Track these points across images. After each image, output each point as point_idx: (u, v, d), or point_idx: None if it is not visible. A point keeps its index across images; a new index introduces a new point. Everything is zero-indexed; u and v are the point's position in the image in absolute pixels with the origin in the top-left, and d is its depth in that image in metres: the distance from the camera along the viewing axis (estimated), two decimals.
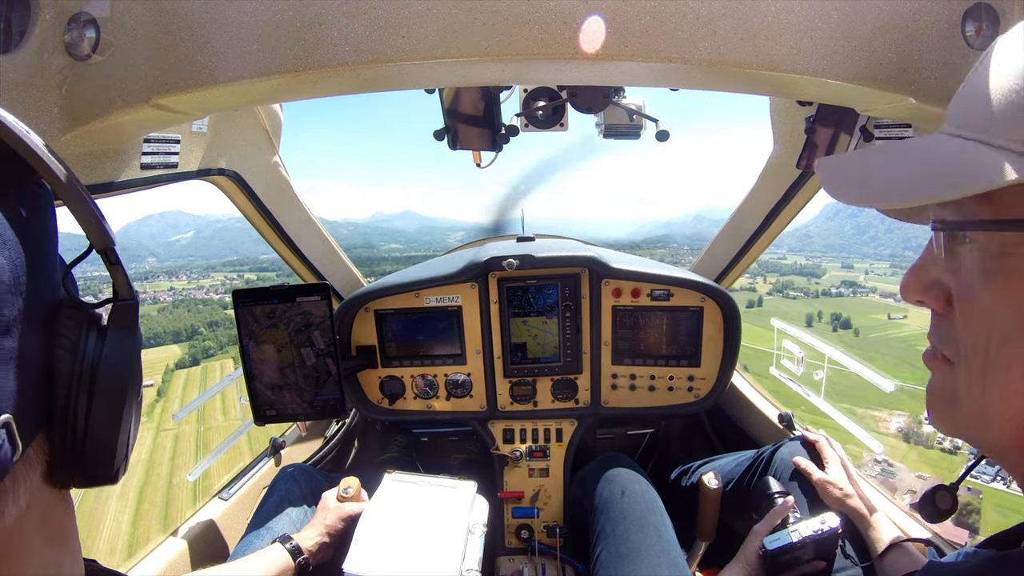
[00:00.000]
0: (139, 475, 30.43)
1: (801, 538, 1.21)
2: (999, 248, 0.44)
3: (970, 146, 0.45)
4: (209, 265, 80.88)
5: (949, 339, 0.50)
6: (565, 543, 1.85)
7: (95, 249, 0.47)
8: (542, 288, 1.90)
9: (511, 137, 1.54)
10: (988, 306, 0.45)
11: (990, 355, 0.45)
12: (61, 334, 0.42)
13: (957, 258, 0.48)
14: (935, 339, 0.52)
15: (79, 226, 0.46)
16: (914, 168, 0.48)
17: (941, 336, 0.51)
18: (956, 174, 0.44)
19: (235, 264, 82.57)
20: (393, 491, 1.45)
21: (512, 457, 1.98)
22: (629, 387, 1.99)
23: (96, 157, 1.09)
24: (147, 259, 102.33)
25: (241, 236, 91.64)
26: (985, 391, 0.46)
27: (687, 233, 64.43)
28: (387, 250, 60.25)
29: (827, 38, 0.87)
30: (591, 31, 0.83)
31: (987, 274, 0.45)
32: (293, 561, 1.28)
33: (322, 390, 1.56)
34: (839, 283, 64.85)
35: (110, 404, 0.43)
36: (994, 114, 0.44)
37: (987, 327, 0.45)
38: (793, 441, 1.59)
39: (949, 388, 0.50)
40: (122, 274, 0.46)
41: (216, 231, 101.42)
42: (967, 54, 0.88)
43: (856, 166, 0.53)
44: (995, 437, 0.47)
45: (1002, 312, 0.44)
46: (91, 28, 0.90)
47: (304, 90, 1.00)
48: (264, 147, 1.73)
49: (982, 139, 0.44)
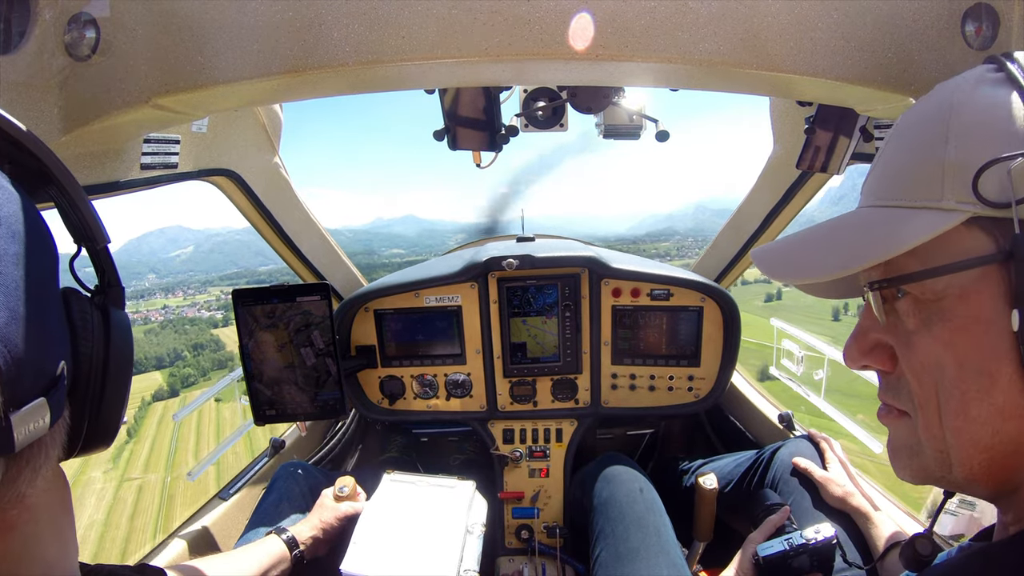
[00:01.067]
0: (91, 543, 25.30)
1: (795, 546, 1.21)
2: (932, 295, 0.47)
3: (888, 212, 0.50)
4: (207, 280, 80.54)
5: (901, 393, 0.53)
6: (565, 543, 1.85)
7: (90, 248, 0.53)
8: (542, 288, 1.90)
9: (511, 137, 1.54)
10: (932, 352, 0.48)
11: (942, 397, 0.48)
12: (79, 316, 0.47)
13: (895, 315, 0.51)
14: (887, 397, 0.55)
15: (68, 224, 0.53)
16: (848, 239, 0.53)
17: (892, 392, 0.54)
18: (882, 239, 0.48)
19: (232, 277, 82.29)
20: (391, 491, 1.44)
21: (512, 457, 1.98)
22: (629, 387, 1.99)
23: (96, 157, 1.09)
24: (147, 276, 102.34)
25: (240, 249, 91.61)
26: (944, 432, 0.48)
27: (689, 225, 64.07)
28: (388, 255, 59.84)
29: (827, 38, 0.87)
30: (591, 31, 0.83)
31: (927, 322, 0.48)
32: (289, 552, 1.29)
33: (322, 390, 1.56)
34: None
35: (122, 377, 0.50)
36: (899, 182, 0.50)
37: (935, 372, 0.48)
38: (793, 442, 1.59)
39: (910, 439, 0.52)
40: (112, 266, 0.54)
41: (216, 244, 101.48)
42: (967, 54, 0.88)
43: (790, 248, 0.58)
44: (961, 472, 0.49)
45: (946, 355, 0.47)
46: (91, 28, 0.90)
47: (304, 90, 1.00)
48: (264, 147, 1.73)
49: (896, 204, 0.50)
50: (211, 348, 58.66)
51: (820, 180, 1.76)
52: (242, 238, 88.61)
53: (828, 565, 1.23)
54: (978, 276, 0.45)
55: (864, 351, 0.55)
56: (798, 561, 1.21)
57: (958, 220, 0.44)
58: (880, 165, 0.54)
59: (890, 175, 0.52)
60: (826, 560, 1.22)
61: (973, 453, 0.47)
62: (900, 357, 0.51)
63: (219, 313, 66.87)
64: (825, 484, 1.39)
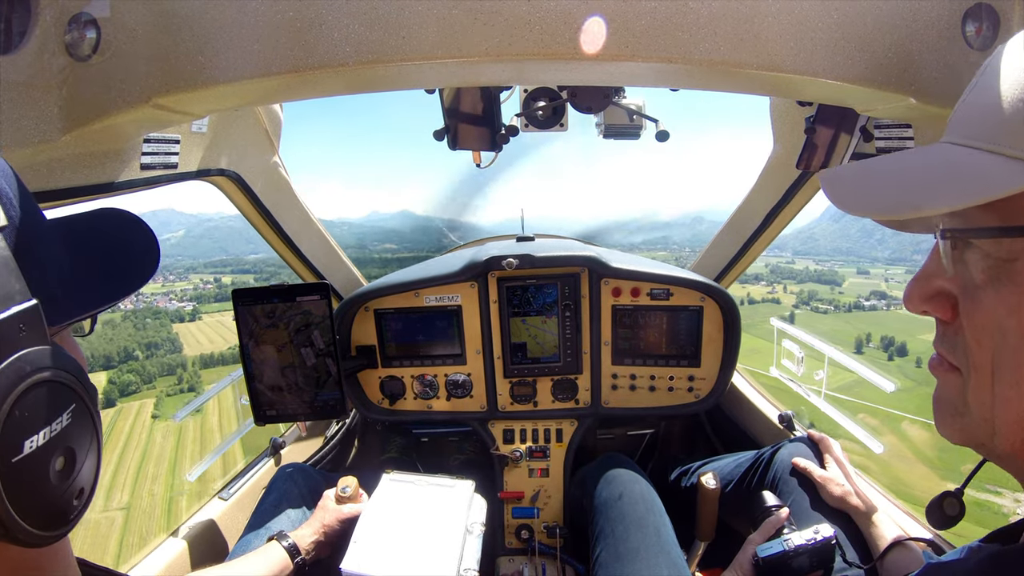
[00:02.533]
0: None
1: (794, 547, 1.21)
2: (1006, 254, 0.44)
3: (978, 155, 0.45)
4: (191, 266, 78.43)
5: (956, 347, 0.50)
6: (565, 543, 1.85)
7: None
8: (542, 288, 1.89)
9: (511, 137, 1.54)
10: (995, 313, 0.45)
11: (998, 362, 0.45)
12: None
13: (963, 265, 0.48)
14: (942, 348, 0.52)
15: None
16: (924, 177, 0.48)
17: (948, 345, 0.51)
18: (967, 183, 0.44)
19: (218, 265, 79.91)
20: (391, 491, 1.45)
21: (512, 457, 1.98)
22: (629, 387, 1.99)
23: (96, 157, 1.09)
24: None
25: (231, 236, 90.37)
26: (994, 399, 0.46)
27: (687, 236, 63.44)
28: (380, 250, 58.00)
29: (827, 38, 0.87)
30: (591, 31, 0.83)
31: (994, 280, 0.45)
32: (291, 560, 1.29)
33: (322, 390, 1.56)
34: (868, 294, 61.56)
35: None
36: (1001, 124, 0.44)
37: (995, 335, 0.45)
38: (793, 442, 1.59)
39: (957, 397, 0.50)
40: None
41: (207, 230, 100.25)
42: (967, 54, 0.88)
43: (860, 176, 0.54)
44: (1003, 444, 0.47)
45: (1009, 320, 0.44)
46: (91, 28, 0.90)
47: (304, 90, 1.00)
48: (264, 147, 1.73)
49: (990, 148, 0.45)
50: (166, 349, 48.91)
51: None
52: (234, 224, 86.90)
53: (828, 565, 1.23)
54: None
55: (925, 296, 0.51)
56: (798, 562, 1.21)
57: None
58: (977, 98, 0.49)
59: (988, 115, 0.47)
60: (826, 560, 1.22)
61: (1018, 428, 0.45)
62: (962, 310, 0.48)
63: (189, 305, 58.66)
64: (824, 484, 1.39)
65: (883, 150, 1.32)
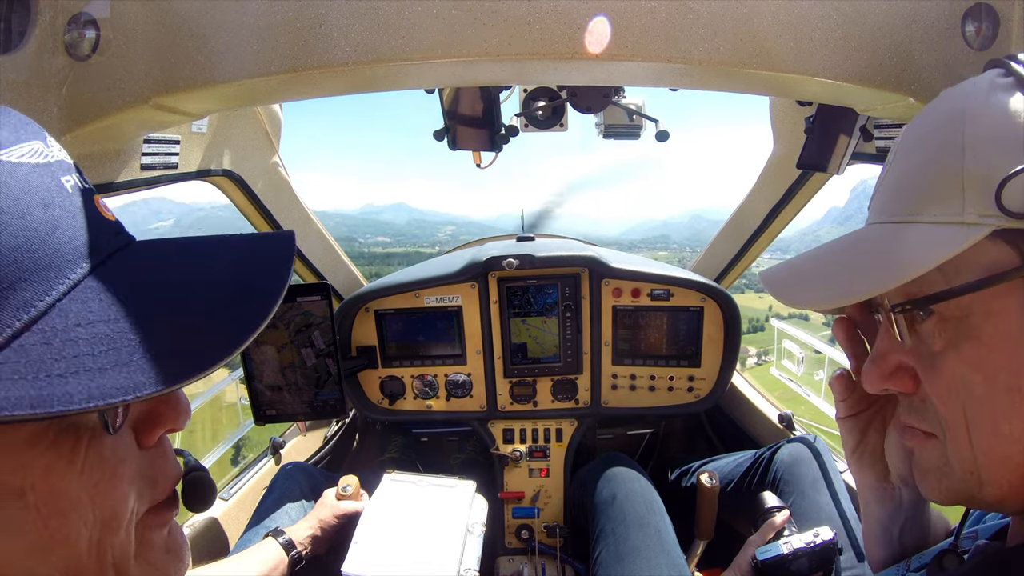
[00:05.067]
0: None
1: (793, 550, 1.21)
2: (962, 312, 0.45)
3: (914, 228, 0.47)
4: None
5: (926, 414, 0.51)
6: (565, 543, 1.85)
7: None
8: (542, 288, 1.90)
9: (511, 137, 1.54)
10: (959, 373, 0.46)
11: (971, 416, 0.46)
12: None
13: (917, 336, 0.49)
14: (911, 420, 0.53)
15: None
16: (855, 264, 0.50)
17: (917, 414, 0.52)
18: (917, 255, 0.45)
19: None
20: (391, 491, 1.45)
21: (512, 457, 1.98)
22: (629, 387, 1.99)
23: (96, 157, 1.09)
24: None
25: (222, 225, 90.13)
26: (974, 451, 0.47)
27: (685, 235, 62.33)
28: (370, 244, 55.95)
29: (827, 38, 0.87)
30: (591, 31, 0.83)
31: (953, 344, 0.46)
32: (286, 555, 1.29)
33: (322, 390, 1.56)
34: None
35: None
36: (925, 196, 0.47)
37: (962, 393, 0.46)
38: (793, 442, 1.59)
39: (939, 460, 0.51)
40: None
41: (197, 219, 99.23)
42: (967, 54, 0.88)
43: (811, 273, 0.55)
44: (992, 492, 0.48)
45: (974, 375, 0.45)
46: (91, 28, 0.90)
47: (304, 90, 1.00)
48: (264, 147, 1.73)
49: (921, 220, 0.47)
50: None
51: (820, 180, 1.76)
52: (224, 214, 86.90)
53: (828, 568, 1.22)
54: (1004, 291, 0.43)
55: (885, 375, 0.52)
56: (797, 565, 1.21)
57: (982, 234, 0.43)
58: (890, 179, 0.52)
59: (904, 188, 0.50)
60: (826, 563, 1.22)
61: (1004, 471, 0.46)
62: (924, 380, 0.50)
63: None
64: (824, 484, 1.39)
65: (883, 150, 1.32)
